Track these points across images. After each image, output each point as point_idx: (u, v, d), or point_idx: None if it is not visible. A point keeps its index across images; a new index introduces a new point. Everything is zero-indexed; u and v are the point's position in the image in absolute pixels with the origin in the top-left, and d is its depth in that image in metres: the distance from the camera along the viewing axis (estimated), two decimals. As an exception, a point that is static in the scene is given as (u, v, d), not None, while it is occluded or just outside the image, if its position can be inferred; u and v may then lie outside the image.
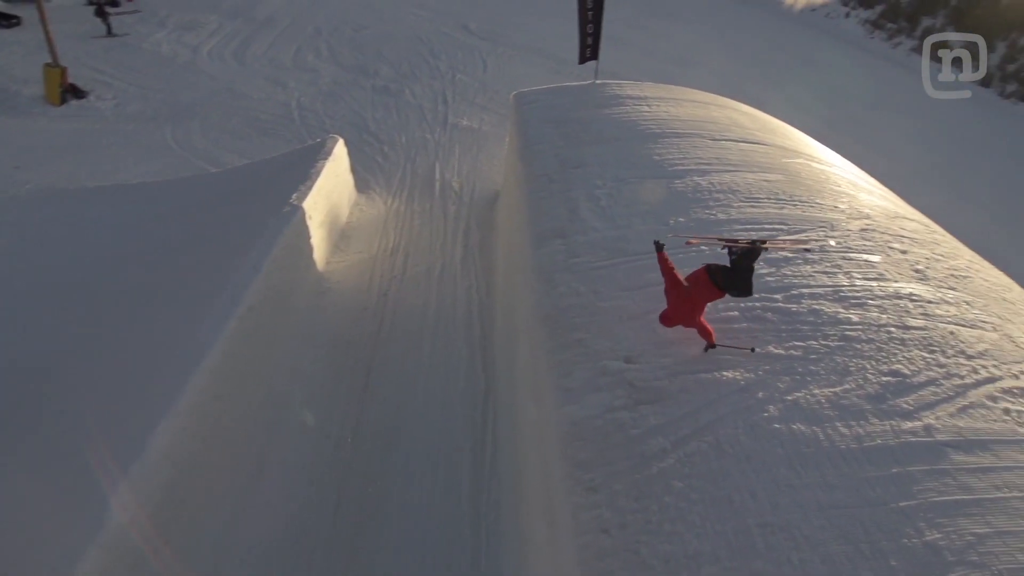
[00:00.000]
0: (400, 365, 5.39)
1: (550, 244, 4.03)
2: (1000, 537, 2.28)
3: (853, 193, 4.67)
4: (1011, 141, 15.09)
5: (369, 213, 7.63)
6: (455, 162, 8.94)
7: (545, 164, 5.03)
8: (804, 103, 11.94)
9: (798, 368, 2.85)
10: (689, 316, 2.89)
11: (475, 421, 4.84)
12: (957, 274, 3.76)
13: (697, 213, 4.04)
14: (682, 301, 2.88)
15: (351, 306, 6.05)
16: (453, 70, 12.51)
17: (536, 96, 6.56)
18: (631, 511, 2.40)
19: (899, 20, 22.17)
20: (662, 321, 2.98)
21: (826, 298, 3.28)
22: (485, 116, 10.60)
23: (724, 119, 5.71)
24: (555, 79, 11.33)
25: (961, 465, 2.47)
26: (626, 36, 15.86)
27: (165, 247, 5.57)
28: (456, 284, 6.34)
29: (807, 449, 2.49)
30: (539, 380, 3.34)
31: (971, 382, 2.84)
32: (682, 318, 2.91)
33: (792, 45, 18.18)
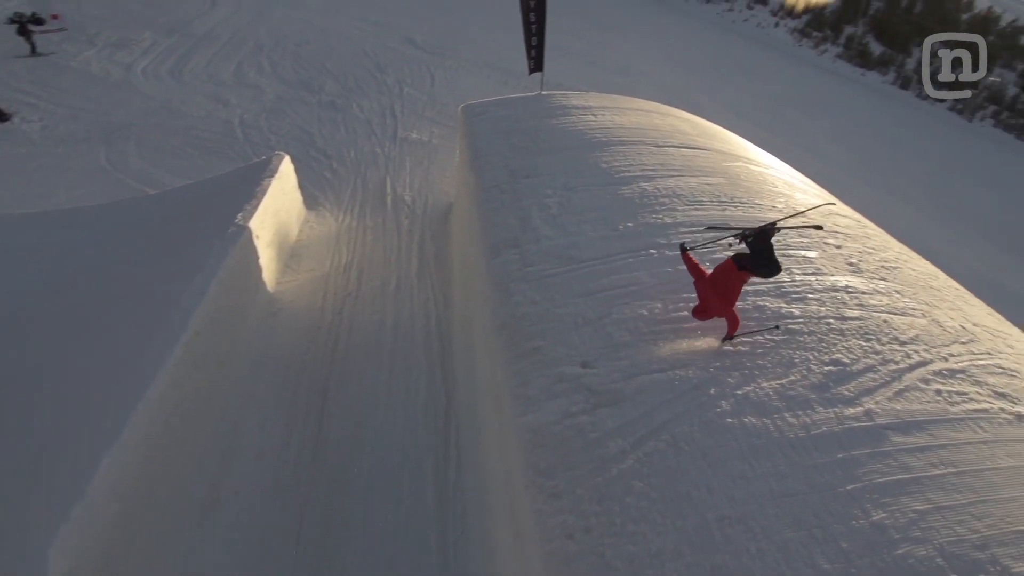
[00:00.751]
0: (358, 383, 5.29)
1: (504, 254, 4.05)
2: (939, 512, 2.42)
3: (789, 193, 4.90)
4: (930, 139, 16.19)
5: (320, 230, 7.48)
6: (406, 175, 8.89)
7: (495, 175, 5.06)
8: (741, 109, 12.46)
9: (746, 363, 2.96)
10: (722, 307, 2.99)
11: (437, 435, 4.79)
12: (887, 265, 3.98)
13: (645, 218, 4.15)
14: (713, 293, 2.99)
15: (304, 325, 5.90)
16: (400, 84, 12.46)
17: (484, 108, 6.60)
18: (594, 514, 2.43)
19: (824, 29, 23.55)
20: (696, 315, 3.10)
21: (769, 294, 3.42)
22: (435, 129, 10.60)
23: (666, 126, 5.90)
24: (503, 91, 11.48)
25: (900, 446, 2.61)
26: (572, 47, 16.21)
27: (103, 274, 5.30)
28: (413, 298, 6.28)
29: (758, 441, 2.58)
30: (498, 390, 3.34)
31: (905, 366, 3.02)
32: (716, 309, 3.02)
33: (728, 54, 18.99)
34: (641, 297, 3.44)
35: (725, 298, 2.97)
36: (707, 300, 3.04)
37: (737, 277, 2.95)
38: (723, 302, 2.98)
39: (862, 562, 2.21)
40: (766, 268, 2.96)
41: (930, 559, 2.25)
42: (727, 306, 2.99)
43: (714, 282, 3.00)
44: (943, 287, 4.12)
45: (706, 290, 3.03)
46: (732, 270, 2.94)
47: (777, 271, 2.99)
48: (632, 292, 3.49)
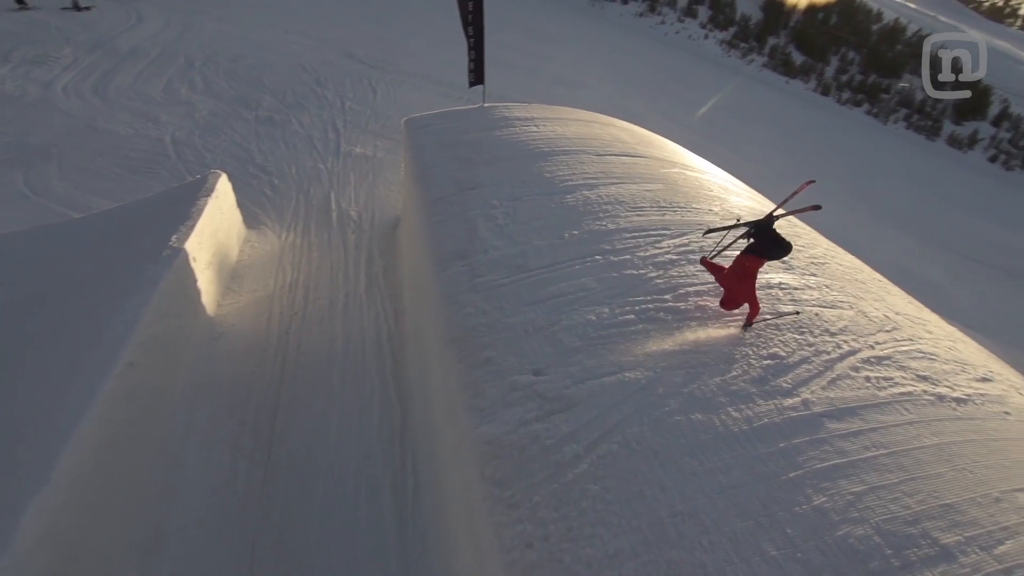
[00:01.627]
0: (309, 405, 5.14)
1: (453, 266, 4.04)
2: (874, 492, 2.57)
3: (725, 196, 5.12)
4: (850, 141, 17.29)
5: (262, 249, 7.25)
6: (351, 190, 8.75)
7: (441, 187, 5.06)
8: (677, 116, 12.95)
9: (691, 361, 3.06)
10: (748, 294, 3.26)
11: (394, 453, 4.70)
12: (816, 261, 4.22)
13: (589, 225, 4.24)
14: (736, 284, 3.24)
15: (249, 349, 5.69)
16: (342, 98, 12.29)
17: (427, 121, 6.60)
18: (552, 521, 2.44)
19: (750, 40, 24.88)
20: (724, 307, 3.35)
21: (709, 294, 3.55)
22: (379, 143, 10.50)
23: (607, 135, 6.06)
24: (446, 103, 11.51)
25: (835, 432, 2.76)
26: (513, 60, 16.44)
27: (24, 306, 4.95)
28: (363, 314, 6.17)
29: (705, 436, 2.67)
30: (452, 403, 3.32)
31: (836, 356, 3.20)
32: (742, 297, 3.27)
33: (663, 65, 19.73)
34: (589, 303, 3.51)
35: (747, 285, 3.24)
36: (731, 291, 3.29)
37: (753, 264, 3.22)
38: (746, 290, 3.25)
39: (806, 546, 2.31)
40: (777, 251, 3.25)
41: (868, 537, 2.38)
42: (750, 294, 3.26)
43: (735, 273, 3.26)
44: (868, 279, 4.40)
45: (730, 282, 3.27)
46: (748, 259, 3.21)
47: (788, 249, 3.26)
48: (580, 298, 3.56)
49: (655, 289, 3.58)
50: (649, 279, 3.68)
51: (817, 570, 2.25)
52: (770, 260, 3.30)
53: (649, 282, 3.65)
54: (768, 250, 3.22)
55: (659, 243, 4.08)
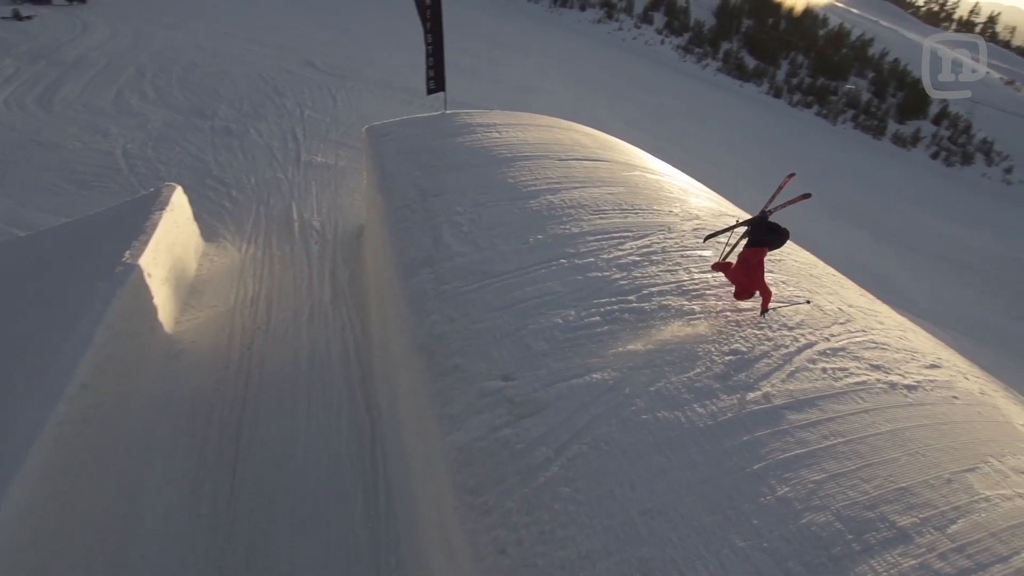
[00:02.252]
0: (275, 421, 5.01)
1: (418, 274, 4.02)
2: (834, 480, 2.65)
3: (684, 198, 5.24)
4: (802, 141, 17.93)
5: (221, 263, 7.06)
6: (313, 200, 8.61)
7: (405, 195, 5.03)
8: (637, 120, 13.21)
9: (656, 360, 3.11)
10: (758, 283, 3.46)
11: (364, 466, 4.63)
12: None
13: (553, 229, 4.28)
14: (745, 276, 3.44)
15: (211, 366, 5.52)
16: (301, 107, 12.12)
17: (389, 129, 6.56)
18: (524, 525, 2.44)
19: (704, 45, 25.63)
20: (738, 298, 3.54)
21: (671, 293, 3.63)
22: (341, 151, 10.38)
23: (568, 140, 6.13)
24: (408, 110, 11.44)
25: (796, 423, 2.84)
26: (475, 67, 16.50)
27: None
28: (328, 325, 6.06)
29: (672, 433, 2.72)
30: (422, 412, 3.29)
31: (794, 349, 3.30)
32: (753, 286, 3.47)
33: (622, 70, 20.10)
34: (555, 306, 3.54)
35: (756, 276, 3.44)
36: (742, 284, 3.49)
37: (756, 256, 3.42)
38: (755, 280, 3.45)
39: (772, 535, 2.37)
40: (775, 239, 3.49)
41: (829, 524, 2.46)
42: (760, 283, 3.46)
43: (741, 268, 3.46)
44: (822, 274, 4.56)
45: (739, 276, 3.48)
46: (750, 252, 3.42)
47: (786, 235, 3.50)
48: (546, 302, 3.58)
49: (619, 290, 3.63)
50: (613, 281, 3.73)
51: (783, 559, 2.31)
52: (772, 249, 3.51)
53: (613, 284, 3.71)
54: (767, 240, 3.45)
55: (622, 245, 4.15)
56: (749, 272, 3.43)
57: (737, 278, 3.50)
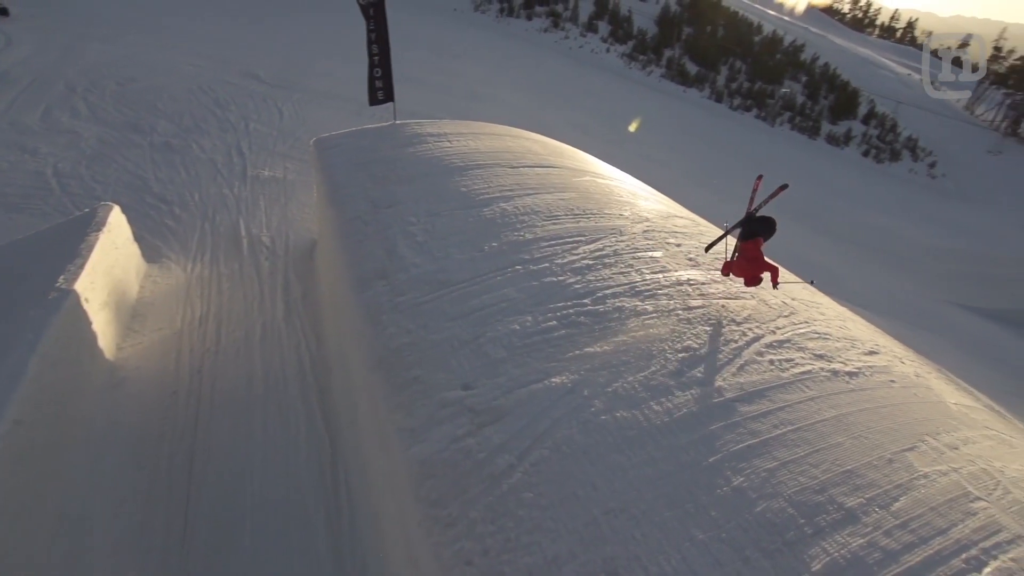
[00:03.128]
0: (229, 446, 4.82)
1: (373, 287, 3.97)
2: (785, 467, 2.76)
3: (634, 201, 5.37)
4: (744, 143, 18.67)
5: (165, 284, 6.77)
6: (261, 215, 8.38)
7: (356, 207, 4.97)
8: (586, 126, 13.46)
9: (612, 361, 3.17)
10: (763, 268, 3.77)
11: (325, 486, 4.50)
12: (720, 257, 4.50)
13: (507, 236, 4.31)
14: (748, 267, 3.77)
15: (157, 392, 5.28)
16: (245, 120, 11.78)
17: (338, 140, 6.46)
18: (490, 535, 2.44)
19: (648, 52, 26.40)
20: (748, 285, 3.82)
21: (625, 295, 3.71)
22: (289, 164, 10.14)
23: (519, 148, 6.19)
24: (357, 122, 11.28)
25: (747, 415, 2.95)
26: (424, 77, 16.45)
27: None
28: (282, 343, 5.89)
29: (631, 432, 2.77)
30: (382, 426, 3.24)
31: (743, 343, 3.43)
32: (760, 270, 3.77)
33: (569, 78, 20.46)
34: (512, 313, 3.56)
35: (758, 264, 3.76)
36: (747, 274, 3.79)
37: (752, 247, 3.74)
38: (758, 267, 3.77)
39: (729, 525, 2.45)
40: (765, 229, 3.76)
41: (783, 510, 2.55)
42: (764, 267, 3.78)
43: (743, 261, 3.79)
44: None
45: (742, 269, 3.80)
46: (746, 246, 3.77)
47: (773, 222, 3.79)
48: (503, 309, 3.60)
49: (574, 294, 3.69)
50: (568, 285, 3.79)
51: (741, 547, 2.39)
52: (766, 239, 3.79)
53: (568, 288, 3.76)
54: (759, 232, 3.75)
55: (575, 249, 4.21)
56: (752, 263, 3.75)
57: (743, 272, 3.79)
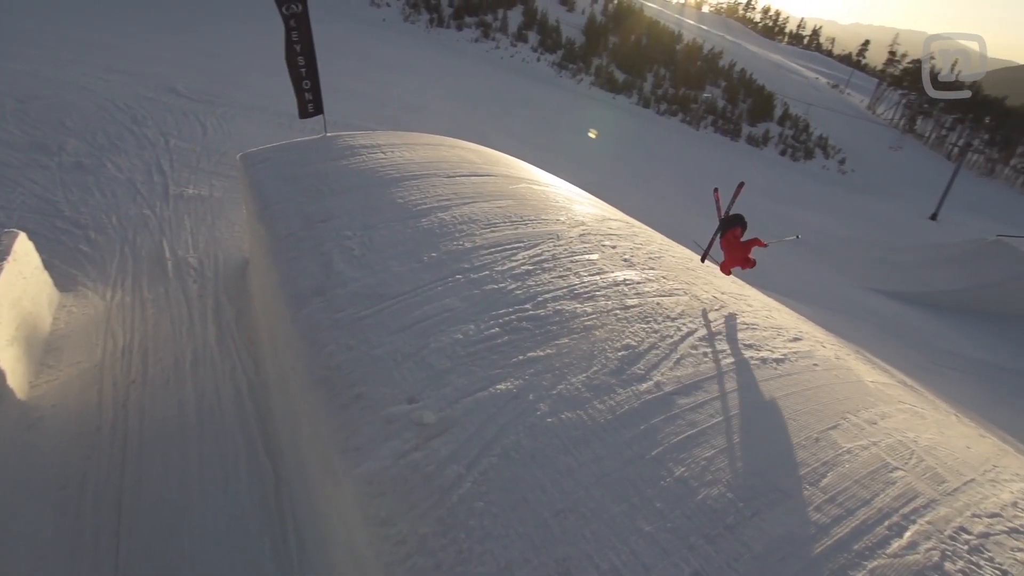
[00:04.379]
0: (162, 482, 4.53)
1: (310, 304, 3.86)
2: (722, 454, 2.89)
3: (569, 206, 5.49)
4: (672, 146, 19.45)
5: (83, 314, 6.31)
6: (187, 235, 7.97)
7: (289, 223, 4.82)
8: (521, 134, 13.64)
9: (555, 364, 3.22)
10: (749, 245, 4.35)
11: (269, 514, 4.32)
12: (653, 256, 4.69)
13: (446, 246, 4.30)
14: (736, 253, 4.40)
15: (79, 430, 4.90)
16: (165, 136, 11.19)
17: (266, 155, 6.25)
18: (441, 548, 2.42)
19: (577, 61, 27.11)
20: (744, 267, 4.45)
21: (564, 298, 3.78)
22: (215, 181, 9.71)
23: (455, 157, 6.20)
24: (286, 135, 11.00)
25: (685, 406, 3.07)
26: (355, 88, 16.17)
27: None
28: (216, 369, 5.61)
29: (576, 432, 2.82)
30: (326, 447, 3.15)
31: (678, 338, 3.57)
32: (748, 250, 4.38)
33: (503, 87, 20.68)
34: (454, 322, 3.55)
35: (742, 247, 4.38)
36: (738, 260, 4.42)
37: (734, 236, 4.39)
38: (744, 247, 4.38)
39: (674, 515, 2.54)
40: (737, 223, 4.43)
41: (723, 496, 2.67)
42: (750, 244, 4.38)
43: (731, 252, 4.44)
44: (697, 267, 4.97)
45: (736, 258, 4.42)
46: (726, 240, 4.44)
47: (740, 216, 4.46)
48: (445, 319, 3.59)
49: (516, 300, 3.72)
50: (509, 291, 3.82)
51: (686, 535, 2.48)
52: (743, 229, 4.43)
53: (509, 294, 3.79)
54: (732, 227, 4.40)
55: (515, 256, 4.26)
56: (739, 248, 4.39)
57: (736, 262, 4.44)
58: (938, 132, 52.87)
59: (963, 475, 3.36)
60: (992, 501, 3.21)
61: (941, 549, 2.74)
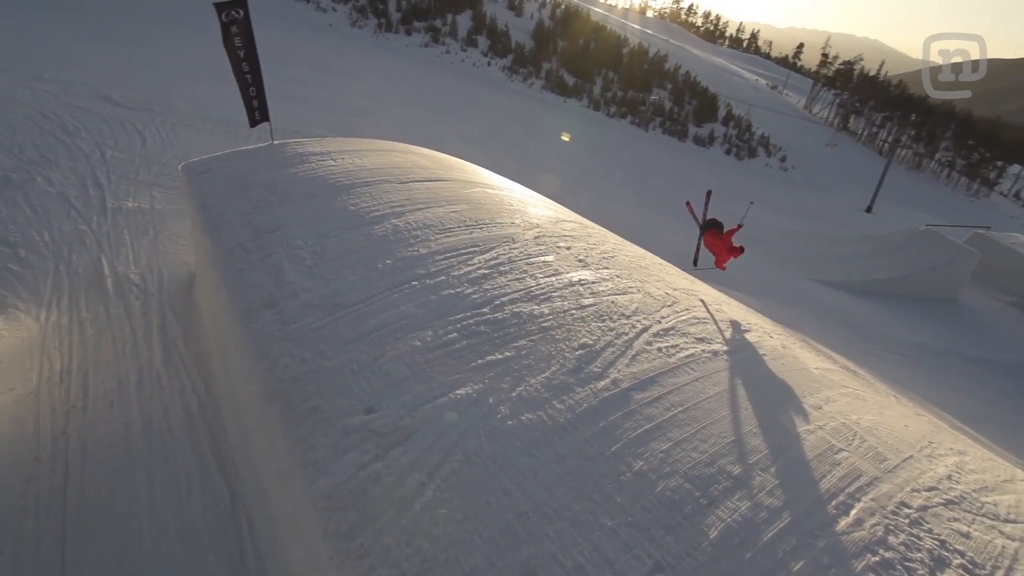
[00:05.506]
0: (109, 512, 4.31)
1: (261, 317, 3.75)
2: (678, 446, 2.97)
3: (523, 209, 5.53)
4: (623, 148, 19.87)
5: (15, 337, 5.94)
6: (128, 251, 7.61)
7: (236, 234, 4.67)
8: (473, 138, 13.66)
9: (514, 366, 3.25)
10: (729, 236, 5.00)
11: (226, 537, 4.16)
12: (607, 256, 4.78)
13: (401, 252, 4.27)
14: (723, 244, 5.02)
15: (14, 462, 4.61)
16: (101, 147, 10.66)
17: (210, 164, 6.04)
18: (406, 558, 2.39)
19: (527, 65, 27.37)
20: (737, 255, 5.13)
21: (521, 300, 3.81)
22: (157, 193, 9.31)
23: (407, 163, 6.16)
24: (233, 144, 10.64)
25: (642, 401, 3.14)
26: (303, 94, 15.83)
27: None
28: (163, 389, 5.38)
29: (537, 433, 2.85)
30: (283, 463, 3.07)
31: (633, 335, 3.65)
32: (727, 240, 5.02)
33: (455, 92, 20.66)
34: (412, 329, 3.52)
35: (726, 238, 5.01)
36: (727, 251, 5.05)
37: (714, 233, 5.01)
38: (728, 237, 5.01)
39: (634, 508, 2.60)
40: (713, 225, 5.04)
41: (680, 487, 2.75)
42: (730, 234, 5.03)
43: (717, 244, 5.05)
44: (650, 264, 5.10)
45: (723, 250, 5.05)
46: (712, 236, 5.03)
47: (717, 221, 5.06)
48: (402, 326, 3.55)
49: (473, 304, 3.73)
50: (466, 296, 3.83)
51: (646, 527, 2.54)
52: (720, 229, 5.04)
53: (467, 299, 3.80)
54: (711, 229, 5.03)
55: (470, 260, 4.26)
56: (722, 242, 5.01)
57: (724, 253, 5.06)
58: (869, 129, 55.96)
59: (902, 452, 3.56)
60: (929, 475, 3.43)
61: (884, 524, 2.90)
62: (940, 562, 2.79)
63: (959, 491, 3.37)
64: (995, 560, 2.93)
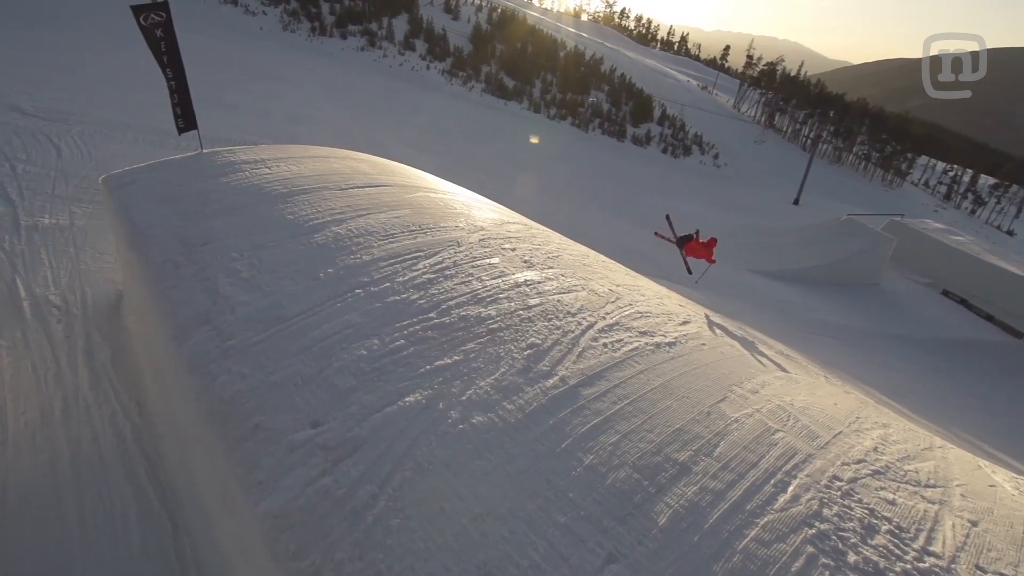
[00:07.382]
0: (37, 551, 4.01)
1: (195, 334, 3.59)
2: (626, 438, 3.05)
3: (467, 212, 5.54)
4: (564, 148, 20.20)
5: (-86, 372, 5.42)
6: (46, 271, 7.08)
7: (165, 248, 4.45)
8: (414, 142, 13.54)
9: (463, 370, 3.24)
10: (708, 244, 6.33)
11: (171, 568, 3.96)
12: (552, 256, 4.85)
13: (344, 260, 4.18)
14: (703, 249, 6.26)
15: (-80, 508, 4.20)
16: (11, 161, 9.87)
17: (134, 175, 5.72)
18: (359, 572, 2.35)
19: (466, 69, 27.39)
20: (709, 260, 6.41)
21: (468, 304, 3.81)
22: (76, 208, 8.71)
23: (347, 169, 6.04)
24: (159, 153, 10.14)
25: (589, 397, 3.21)
26: (235, 101, 15.22)
27: None
28: (92, 416, 5.04)
29: (488, 435, 2.86)
30: (225, 486, 2.94)
31: (578, 332, 3.72)
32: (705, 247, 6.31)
33: (394, 96, 20.41)
34: (357, 338, 3.46)
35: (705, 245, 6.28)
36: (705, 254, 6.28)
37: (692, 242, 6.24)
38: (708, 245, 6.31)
39: (586, 502, 2.65)
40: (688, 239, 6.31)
41: (629, 477, 2.83)
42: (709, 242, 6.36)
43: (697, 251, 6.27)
44: (593, 262, 5.21)
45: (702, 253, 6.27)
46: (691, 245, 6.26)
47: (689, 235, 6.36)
48: (347, 336, 3.48)
49: (419, 310, 3.70)
50: (412, 302, 3.79)
51: (599, 520, 2.60)
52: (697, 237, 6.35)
53: (412, 305, 3.76)
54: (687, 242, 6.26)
55: (415, 265, 4.23)
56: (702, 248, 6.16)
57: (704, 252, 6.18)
58: (793, 126, 59.23)
59: (833, 429, 3.79)
60: (857, 449, 3.66)
61: (819, 498, 3.07)
62: (870, 529, 2.99)
63: (884, 461, 3.62)
64: (918, 523, 3.17)
